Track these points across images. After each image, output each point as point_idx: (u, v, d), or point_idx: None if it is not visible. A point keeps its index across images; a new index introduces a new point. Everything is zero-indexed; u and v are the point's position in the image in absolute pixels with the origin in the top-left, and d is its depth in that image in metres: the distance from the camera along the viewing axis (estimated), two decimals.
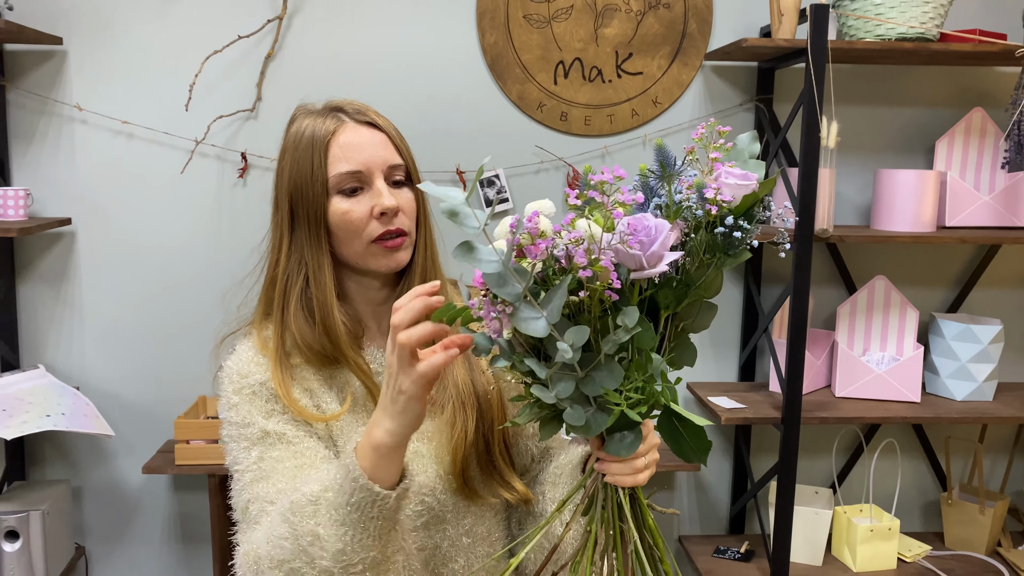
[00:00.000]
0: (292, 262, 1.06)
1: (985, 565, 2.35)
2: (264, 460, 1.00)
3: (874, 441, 2.52)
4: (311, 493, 0.89)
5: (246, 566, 0.95)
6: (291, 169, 1.06)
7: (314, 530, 0.88)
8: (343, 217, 1.04)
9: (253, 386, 1.04)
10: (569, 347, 0.77)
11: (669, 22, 2.32)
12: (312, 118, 1.08)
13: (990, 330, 2.27)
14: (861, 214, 2.45)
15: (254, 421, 1.02)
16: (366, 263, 1.07)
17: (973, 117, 2.34)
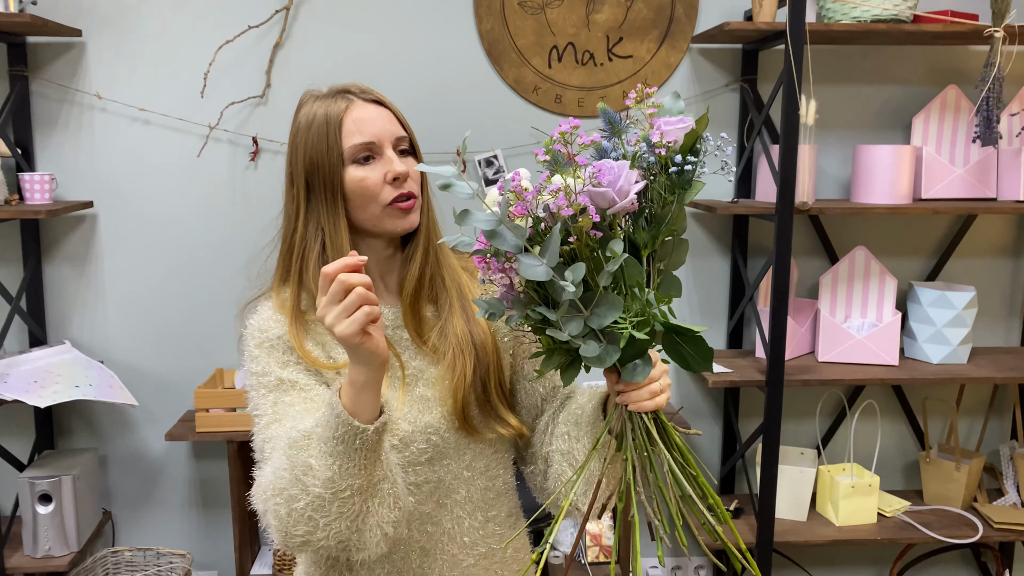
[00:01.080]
0: (309, 229, 1.17)
1: (961, 519, 2.49)
2: (278, 405, 1.11)
3: (856, 404, 2.66)
4: (305, 429, 1.02)
5: (257, 497, 1.07)
6: (306, 145, 1.16)
7: (307, 461, 0.99)
8: (360, 184, 1.16)
9: (271, 340, 1.15)
10: (571, 283, 0.90)
11: (657, 7, 2.44)
12: (323, 100, 1.19)
13: (964, 296, 2.40)
14: (842, 188, 2.58)
15: (271, 371, 1.13)
16: (382, 225, 1.18)
17: (948, 94, 2.46)
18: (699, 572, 2.76)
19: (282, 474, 1.02)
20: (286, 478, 1.01)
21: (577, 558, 2.55)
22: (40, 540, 2.27)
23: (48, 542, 2.28)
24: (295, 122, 1.20)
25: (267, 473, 1.06)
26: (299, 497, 1.00)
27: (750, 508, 2.56)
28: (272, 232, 1.26)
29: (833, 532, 2.42)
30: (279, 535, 1.03)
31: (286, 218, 1.22)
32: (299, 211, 1.18)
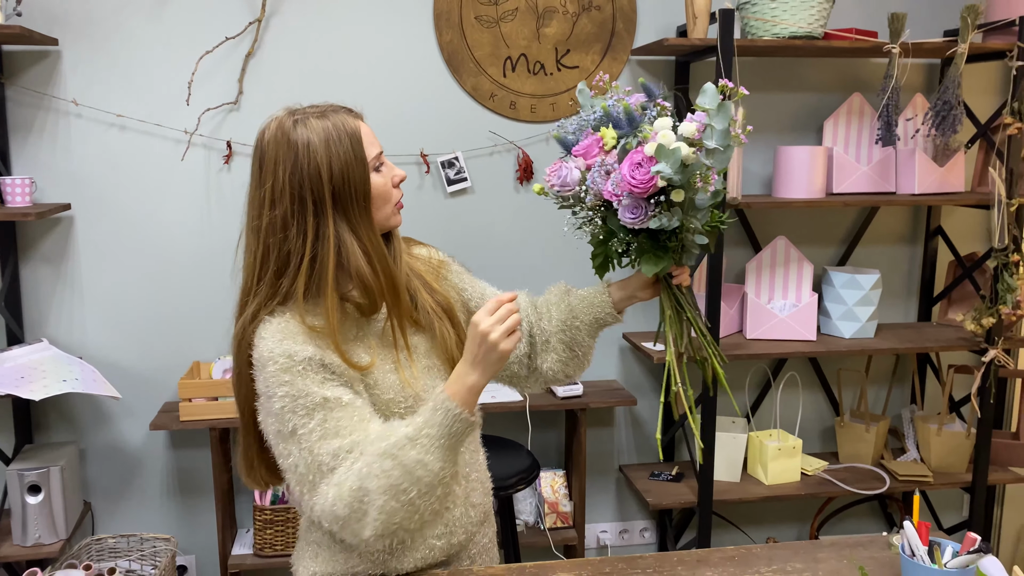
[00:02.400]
0: (344, 239, 1.25)
1: (871, 473, 2.84)
2: (328, 421, 1.19)
3: (780, 376, 2.98)
4: (408, 434, 1.18)
5: (344, 502, 1.16)
6: (331, 159, 1.23)
7: (419, 458, 1.17)
8: (382, 188, 1.31)
9: (302, 363, 1.20)
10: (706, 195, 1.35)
11: (600, 22, 2.69)
12: (323, 117, 1.26)
13: (870, 279, 2.73)
14: (764, 184, 2.89)
15: (311, 392, 1.19)
16: (389, 223, 1.34)
17: (853, 101, 2.79)
18: (643, 534, 3.04)
19: (390, 472, 1.16)
20: (396, 475, 1.16)
21: (536, 524, 2.78)
22: (30, 529, 2.37)
23: (38, 531, 2.37)
24: (293, 140, 1.23)
25: (355, 478, 1.17)
26: (410, 489, 1.17)
27: (690, 472, 2.84)
28: None
29: (763, 490, 2.72)
30: (379, 527, 1.17)
31: (299, 236, 1.24)
32: (319, 223, 1.24)
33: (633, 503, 3.02)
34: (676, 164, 1.26)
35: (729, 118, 1.29)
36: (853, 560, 1.48)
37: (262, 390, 1.24)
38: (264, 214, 1.25)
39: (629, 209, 1.32)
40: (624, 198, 1.31)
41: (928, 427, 2.85)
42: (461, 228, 2.71)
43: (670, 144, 1.26)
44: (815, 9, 2.49)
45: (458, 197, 2.71)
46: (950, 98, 2.54)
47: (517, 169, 2.72)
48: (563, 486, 2.81)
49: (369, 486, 1.17)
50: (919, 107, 2.77)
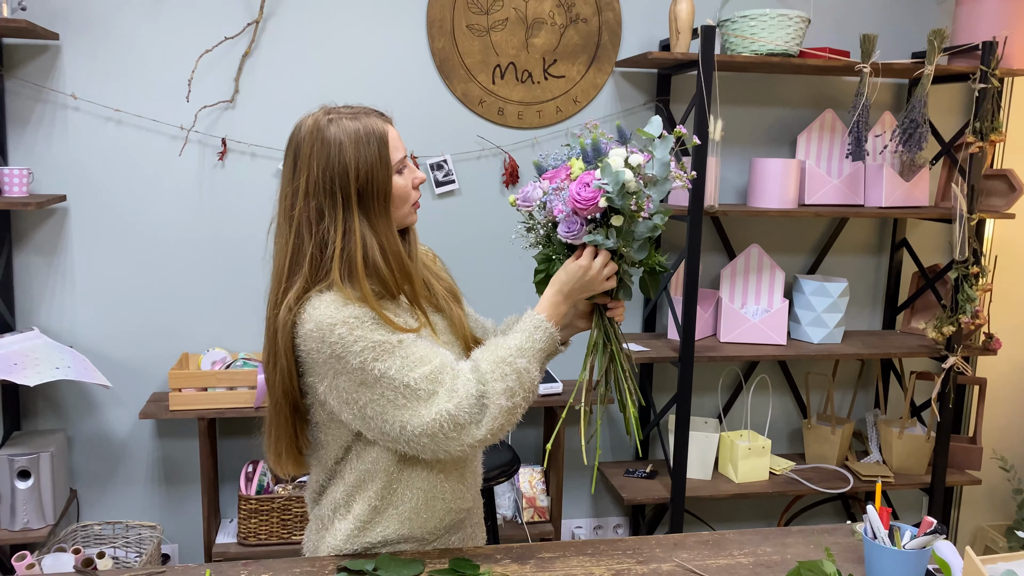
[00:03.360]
0: (365, 232, 1.37)
1: (836, 473, 2.96)
2: (409, 356, 1.32)
3: (750, 379, 3.10)
4: (518, 345, 1.37)
5: (465, 408, 1.31)
6: (358, 159, 1.33)
7: (527, 366, 1.37)
8: (403, 190, 1.41)
9: (369, 320, 1.32)
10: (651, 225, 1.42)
11: (587, 34, 2.80)
12: (355, 119, 1.37)
13: (838, 287, 2.86)
14: (739, 194, 3.01)
15: (386, 338, 1.32)
16: (406, 221, 1.45)
17: (826, 117, 2.92)
18: (617, 530, 3.14)
19: (509, 377, 1.34)
20: (513, 379, 1.35)
21: (514, 518, 2.87)
22: (18, 514, 2.41)
23: (26, 515, 2.41)
24: (327, 138, 1.34)
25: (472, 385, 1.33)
26: (518, 393, 1.36)
27: (664, 470, 2.95)
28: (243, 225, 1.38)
29: (733, 488, 2.83)
30: (493, 427, 1.33)
31: (332, 227, 1.34)
32: (347, 217, 1.35)
33: (607, 499, 3.11)
34: (617, 183, 1.34)
35: (669, 149, 1.38)
36: (820, 543, 1.58)
37: (327, 357, 1.32)
38: (298, 204, 1.36)
39: (566, 223, 1.42)
40: (564, 213, 1.42)
41: (890, 430, 2.98)
42: (448, 229, 2.80)
43: (616, 165, 1.36)
44: (791, 28, 2.61)
45: (446, 199, 2.79)
46: (916, 117, 2.67)
47: (503, 173, 2.81)
48: (540, 481, 2.90)
49: (488, 388, 1.33)
50: (887, 124, 2.91)
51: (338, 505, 1.47)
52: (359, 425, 1.37)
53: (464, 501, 1.52)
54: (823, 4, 2.94)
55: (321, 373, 1.35)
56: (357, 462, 1.43)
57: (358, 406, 1.34)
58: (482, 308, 2.83)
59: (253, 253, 2.69)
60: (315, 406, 1.42)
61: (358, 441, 1.42)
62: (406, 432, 1.33)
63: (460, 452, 1.35)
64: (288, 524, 2.64)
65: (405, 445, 1.34)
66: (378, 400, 1.32)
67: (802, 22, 2.62)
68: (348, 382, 1.33)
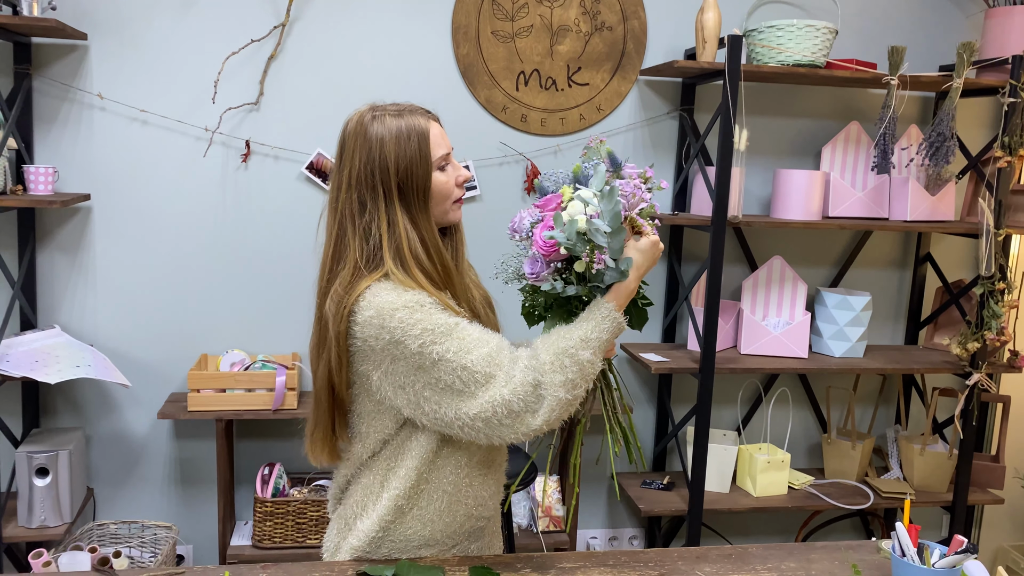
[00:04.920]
0: (408, 226, 1.39)
1: (856, 489, 2.93)
2: (466, 338, 1.32)
3: (771, 392, 3.07)
4: (582, 336, 1.34)
5: (520, 396, 1.30)
6: (398, 155, 1.37)
7: (590, 358, 1.33)
8: (444, 186, 1.43)
9: (428, 304, 1.33)
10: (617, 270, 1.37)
11: (611, 42, 2.79)
12: (399, 116, 1.40)
13: (861, 300, 2.83)
14: (763, 205, 2.99)
15: (444, 321, 1.33)
16: (447, 218, 1.46)
17: (851, 129, 2.90)
18: (632, 542, 3.11)
19: (568, 367, 1.32)
20: (573, 370, 1.32)
21: (529, 527, 2.85)
22: (36, 511, 2.41)
23: (43, 513, 2.42)
24: (370, 134, 1.37)
25: (530, 374, 1.31)
26: (579, 384, 1.33)
27: (682, 482, 2.92)
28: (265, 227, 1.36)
29: (751, 502, 2.81)
30: (550, 416, 1.31)
31: (375, 219, 1.37)
32: (389, 210, 1.38)
33: (623, 510, 3.09)
34: (572, 234, 1.33)
35: (615, 202, 1.34)
36: (845, 560, 1.56)
37: (386, 343, 1.32)
38: (341, 196, 1.40)
39: (530, 263, 1.41)
40: (531, 250, 1.41)
41: (912, 447, 2.94)
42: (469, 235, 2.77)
43: (572, 215, 1.34)
44: (819, 39, 2.59)
45: (467, 205, 2.79)
46: (944, 130, 2.65)
47: (525, 180, 2.80)
48: (556, 491, 2.88)
49: (546, 380, 1.31)
50: (914, 137, 2.88)
51: (363, 503, 1.46)
52: (412, 411, 1.37)
53: (486, 509, 1.51)
54: (850, 15, 2.92)
55: (378, 360, 1.36)
56: (391, 459, 1.43)
57: (414, 390, 1.35)
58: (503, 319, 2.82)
59: (274, 255, 2.69)
60: (361, 396, 1.43)
61: (398, 435, 1.42)
62: (461, 415, 1.33)
63: (515, 439, 1.35)
64: (303, 528, 2.63)
65: (459, 430, 1.35)
66: (435, 384, 1.33)
67: (829, 33, 2.60)
68: (405, 366, 1.34)
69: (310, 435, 1.47)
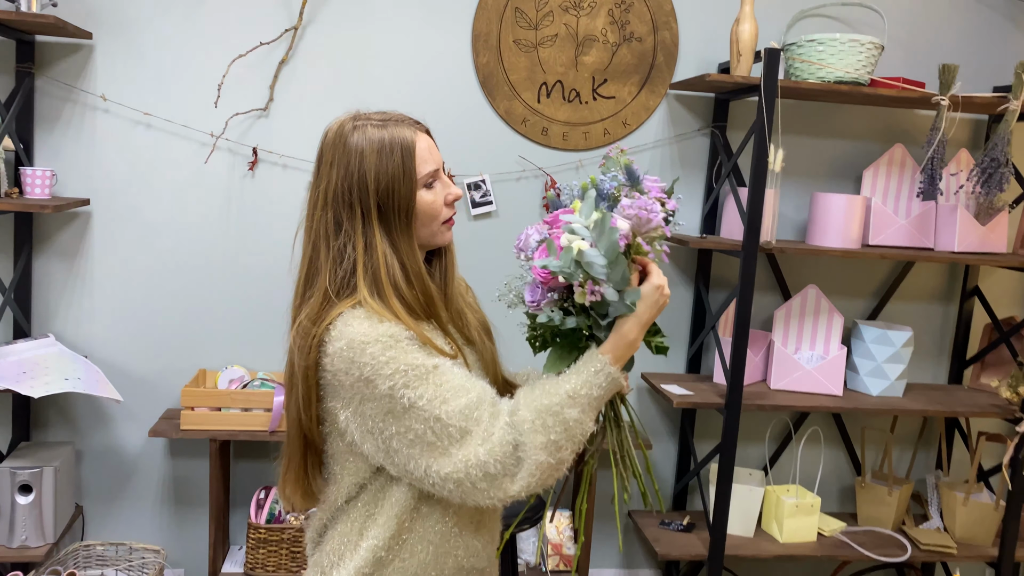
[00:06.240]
0: (387, 248, 1.25)
1: (891, 539, 2.72)
2: (443, 385, 1.17)
3: (801, 430, 2.87)
4: (569, 392, 1.18)
5: (497, 457, 1.15)
6: (379, 170, 1.23)
7: (578, 417, 1.18)
8: (430, 207, 1.28)
9: (405, 339, 1.18)
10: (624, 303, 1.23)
11: (640, 54, 2.64)
12: (382, 127, 1.26)
13: (902, 336, 2.63)
14: (798, 230, 2.80)
15: (420, 362, 1.17)
16: (434, 240, 1.32)
17: (895, 152, 2.71)
18: None
19: (552, 427, 1.16)
20: (558, 430, 1.17)
21: (539, 566, 2.68)
22: (17, 530, 2.30)
23: (25, 532, 2.30)
24: (349, 146, 1.23)
25: (509, 433, 1.16)
26: (565, 447, 1.18)
27: (702, 523, 2.73)
28: (271, 238, 1.29)
29: (777, 548, 2.61)
30: (531, 482, 1.16)
31: (350, 240, 1.23)
32: (367, 231, 1.24)
33: (640, 551, 2.90)
34: (567, 263, 1.18)
35: (608, 231, 1.18)
36: None
37: (355, 380, 1.18)
38: (316, 214, 1.26)
39: (530, 289, 1.27)
40: (529, 277, 1.27)
41: (954, 495, 2.73)
42: (483, 252, 2.65)
43: (568, 242, 1.19)
44: (863, 55, 2.42)
45: (482, 221, 2.64)
46: (998, 155, 2.45)
47: (544, 196, 2.65)
48: (568, 527, 2.71)
49: (527, 440, 1.17)
50: (964, 163, 2.68)
51: (340, 552, 1.31)
52: (382, 459, 1.22)
53: (479, 560, 1.35)
54: (897, 31, 2.74)
55: (346, 397, 1.21)
56: (369, 505, 1.28)
57: (383, 437, 1.20)
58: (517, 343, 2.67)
59: (280, 268, 2.57)
60: (333, 435, 1.28)
61: (376, 480, 1.27)
62: (431, 474, 1.18)
63: (490, 504, 1.19)
64: (298, 557, 2.49)
65: (431, 488, 1.20)
66: (404, 434, 1.18)
67: (875, 49, 2.43)
68: (375, 409, 1.19)
69: (283, 475, 1.32)
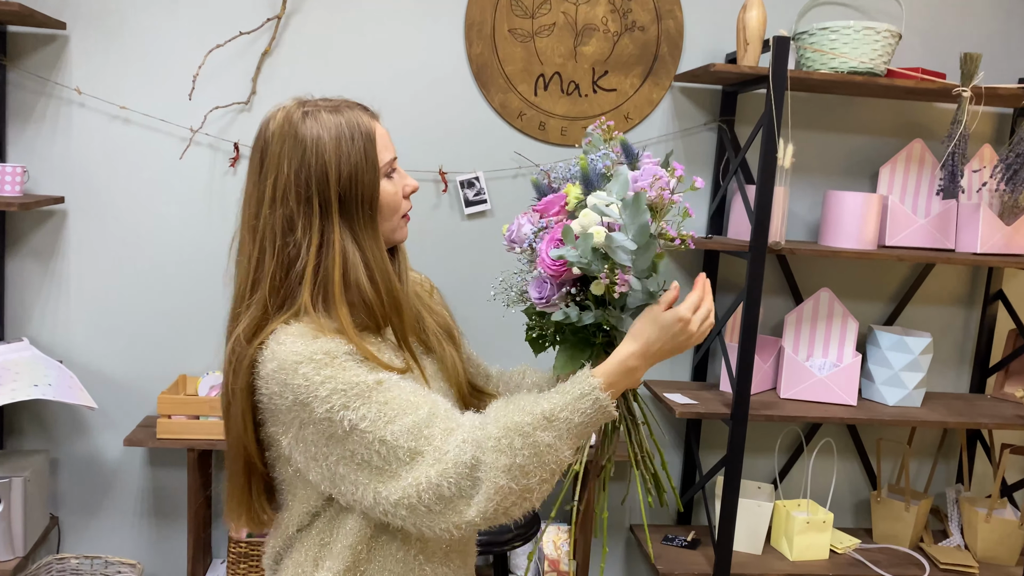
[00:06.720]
0: (347, 247, 1.12)
1: (908, 558, 2.57)
2: (389, 402, 1.06)
3: (813, 441, 2.73)
4: (545, 413, 1.06)
5: (452, 479, 1.03)
6: (341, 160, 1.11)
7: (551, 442, 1.05)
8: (392, 198, 1.17)
9: (343, 356, 1.07)
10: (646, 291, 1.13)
11: (643, 44, 2.50)
12: (339, 113, 1.14)
13: (921, 342, 2.48)
14: (810, 230, 2.66)
15: (361, 379, 1.06)
16: (395, 235, 1.20)
17: (913, 147, 2.56)
18: None
19: (520, 452, 1.04)
20: (524, 455, 1.04)
21: None
22: None
23: None
24: (302, 134, 1.12)
25: (467, 451, 1.04)
26: (532, 473, 1.05)
27: (707, 539, 2.59)
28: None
29: (787, 567, 2.46)
30: (488, 508, 1.04)
31: (305, 239, 1.12)
32: (325, 227, 1.12)
33: (642, 567, 2.76)
34: (586, 252, 1.07)
35: (642, 211, 1.08)
36: None
37: (290, 403, 1.07)
38: (263, 212, 1.13)
39: (536, 285, 1.15)
40: (537, 271, 1.15)
41: (975, 511, 2.57)
42: (477, 253, 2.52)
43: (586, 227, 1.08)
44: (879, 44, 2.27)
45: (476, 220, 2.51)
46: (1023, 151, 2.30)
47: None
48: (566, 542, 2.57)
49: (488, 460, 1.05)
50: (987, 159, 2.53)
51: None
52: (328, 487, 1.11)
53: None
54: (916, 18, 2.59)
55: (285, 422, 1.09)
56: (323, 533, 1.17)
57: (327, 463, 1.08)
58: (511, 347, 2.54)
59: None
60: (280, 461, 1.16)
61: (328, 508, 1.16)
62: (381, 500, 1.06)
63: (446, 533, 1.06)
64: None
65: (383, 516, 1.08)
66: (350, 458, 1.06)
67: (892, 37, 2.28)
68: (315, 434, 1.07)
69: (227, 500, 1.21)
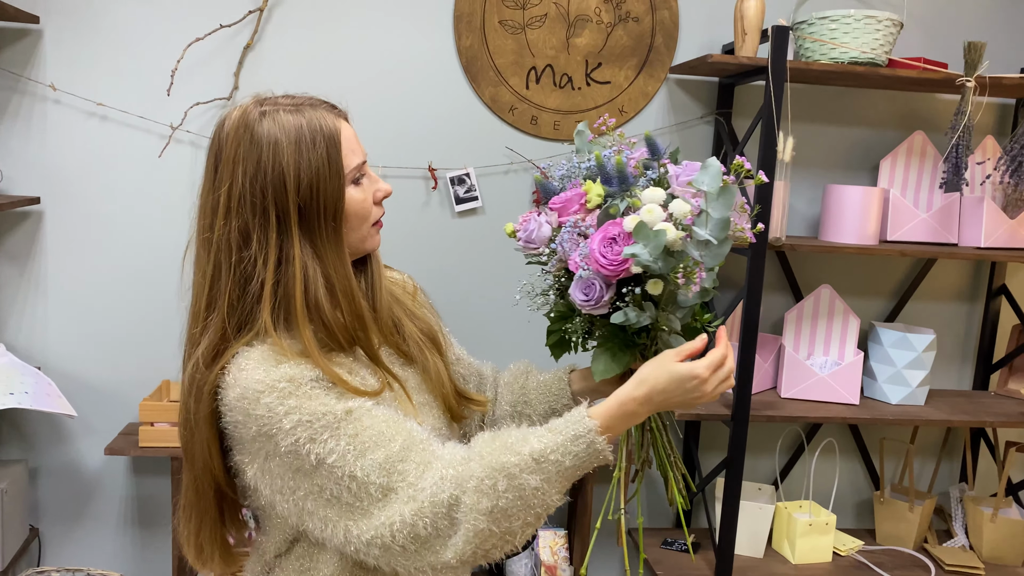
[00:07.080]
0: (307, 262, 1.04)
1: (913, 559, 2.51)
2: (360, 434, 0.99)
3: (814, 441, 2.67)
4: (534, 454, 0.98)
5: (429, 518, 0.96)
6: (300, 166, 1.02)
7: (539, 486, 0.97)
8: (360, 206, 1.08)
9: (309, 383, 1.00)
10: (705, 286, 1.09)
11: (637, 35, 2.43)
12: (300, 112, 1.05)
13: (924, 339, 2.42)
14: (810, 225, 2.59)
15: (330, 409, 0.99)
16: (364, 246, 1.12)
17: (915, 139, 2.50)
18: None
19: (502, 495, 0.96)
20: (508, 498, 0.97)
21: None
22: None
23: None
24: (259, 136, 1.03)
25: (445, 488, 0.97)
26: (516, 516, 0.98)
27: (707, 543, 2.53)
28: None
29: (789, 570, 2.40)
30: (466, 551, 0.97)
31: (260, 254, 1.03)
32: (283, 241, 1.03)
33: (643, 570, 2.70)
34: (657, 249, 1.01)
35: (731, 206, 1.02)
36: None
37: (254, 434, 1.00)
38: (217, 223, 1.05)
39: (581, 287, 1.07)
40: (583, 271, 1.07)
41: (980, 511, 2.51)
42: (468, 251, 2.45)
43: (654, 223, 1.01)
44: (880, 33, 2.21)
45: (467, 217, 2.44)
46: None
47: (534, 190, 2.44)
48: (563, 547, 2.51)
49: (468, 501, 0.97)
50: (991, 150, 2.47)
51: None
52: (297, 523, 1.04)
53: None
54: (918, 7, 2.53)
55: (251, 452, 1.02)
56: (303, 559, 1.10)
57: (295, 498, 1.01)
58: (504, 347, 2.47)
59: None
60: (251, 490, 1.09)
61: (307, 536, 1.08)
62: (352, 539, 0.99)
63: (421, 574, 0.99)
64: None
65: (355, 555, 1.01)
66: (319, 493, 0.99)
67: (893, 26, 2.21)
68: (280, 467, 1.00)
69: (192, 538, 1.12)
